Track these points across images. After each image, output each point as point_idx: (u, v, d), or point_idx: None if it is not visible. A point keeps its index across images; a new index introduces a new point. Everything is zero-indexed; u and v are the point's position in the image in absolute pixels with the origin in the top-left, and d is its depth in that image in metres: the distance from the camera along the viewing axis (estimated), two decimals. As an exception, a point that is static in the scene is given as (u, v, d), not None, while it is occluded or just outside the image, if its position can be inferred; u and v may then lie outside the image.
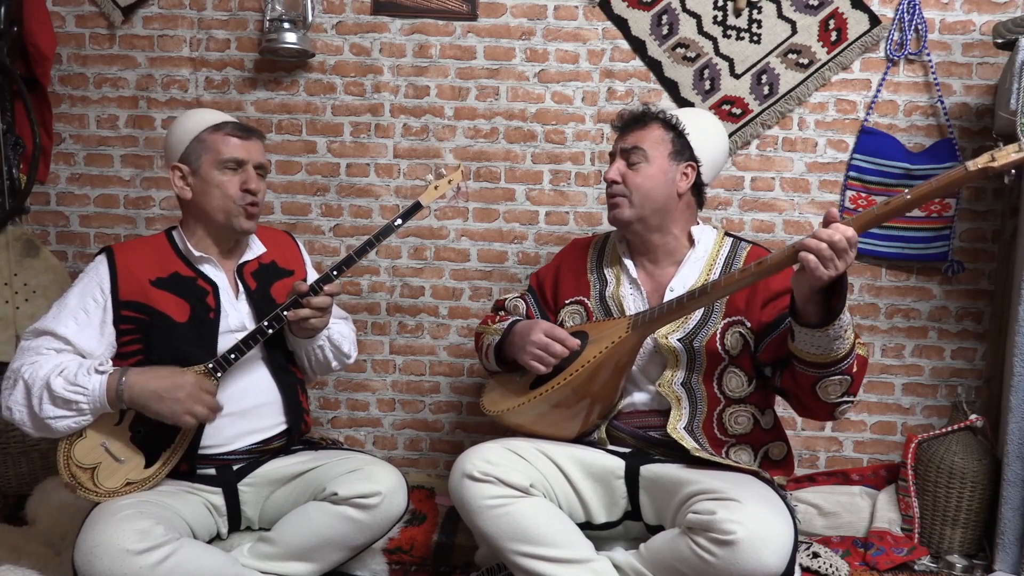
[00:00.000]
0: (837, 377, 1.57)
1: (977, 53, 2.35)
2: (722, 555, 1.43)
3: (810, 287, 1.47)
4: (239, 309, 1.82)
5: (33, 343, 1.69)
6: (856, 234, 1.45)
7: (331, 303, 1.79)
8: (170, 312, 1.74)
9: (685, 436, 1.71)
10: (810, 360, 1.56)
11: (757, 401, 1.77)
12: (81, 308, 1.72)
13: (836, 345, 1.52)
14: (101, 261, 1.78)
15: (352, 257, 1.78)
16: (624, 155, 1.84)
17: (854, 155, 2.40)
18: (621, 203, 1.82)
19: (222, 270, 1.83)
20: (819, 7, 2.36)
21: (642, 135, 1.84)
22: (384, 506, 1.69)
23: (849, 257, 1.44)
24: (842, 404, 1.62)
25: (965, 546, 2.22)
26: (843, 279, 1.47)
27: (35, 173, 2.45)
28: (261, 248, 1.92)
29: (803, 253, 1.45)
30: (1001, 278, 2.38)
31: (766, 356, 1.72)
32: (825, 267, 1.43)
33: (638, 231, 1.85)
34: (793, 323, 1.55)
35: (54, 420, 1.61)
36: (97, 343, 1.71)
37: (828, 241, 1.43)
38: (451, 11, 2.45)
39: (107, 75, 2.52)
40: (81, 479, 1.64)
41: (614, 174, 1.83)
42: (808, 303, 1.51)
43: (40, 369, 1.63)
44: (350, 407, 2.61)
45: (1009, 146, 1.36)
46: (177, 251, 1.83)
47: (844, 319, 1.50)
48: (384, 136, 2.50)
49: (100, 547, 1.47)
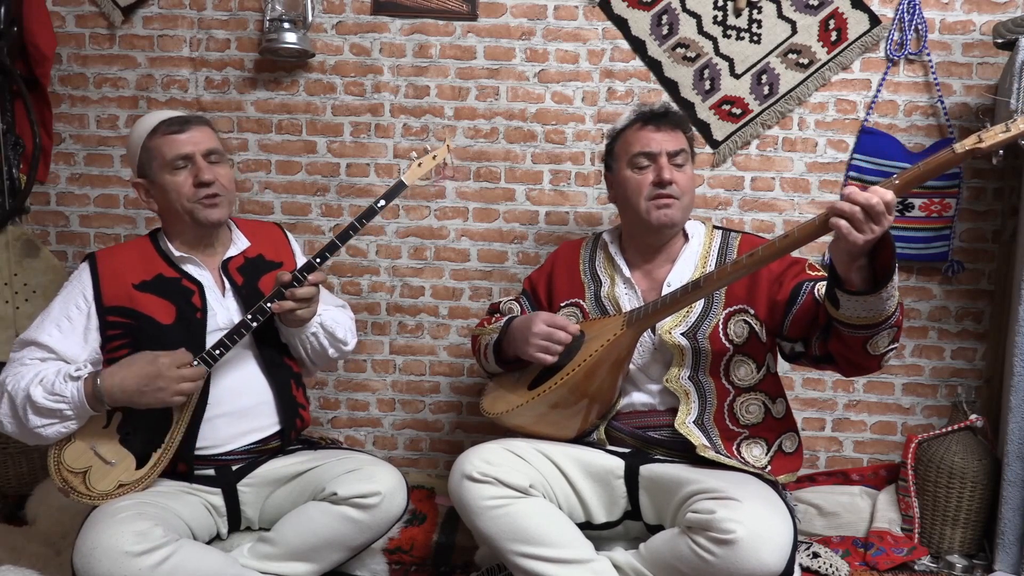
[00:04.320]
0: (887, 331, 1.52)
1: (977, 53, 2.35)
2: (721, 554, 1.43)
3: (848, 253, 1.41)
4: (227, 306, 1.80)
5: (18, 354, 1.70)
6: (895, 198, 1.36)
7: (316, 292, 1.75)
8: (155, 315, 1.73)
9: (694, 431, 1.71)
10: (860, 323, 1.50)
11: (767, 388, 1.77)
12: (64, 316, 1.72)
13: (888, 305, 1.46)
14: (84, 268, 1.77)
15: (335, 243, 1.73)
16: (671, 157, 1.80)
17: (854, 155, 2.40)
18: (675, 204, 1.79)
19: (206, 268, 1.82)
20: (819, 7, 2.36)
21: (681, 138, 1.84)
22: (384, 506, 1.69)
23: (887, 222, 1.36)
24: (888, 353, 1.58)
25: (965, 546, 2.22)
26: (887, 239, 1.40)
27: (35, 173, 2.45)
28: (245, 243, 1.90)
29: (835, 219, 1.38)
30: (1001, 278, 2.38)
31: (795, 331, 1.69)
32: (860, 231, 1.36)
33: (674, 233, 1.86)
34: (839, 292, 1.48)
35: (42, 428, 1.62)
36: (81, 349, 1.71)
37: (864, 204, 1.35)
38: (451, 11, 2.45)
39: (107, 75, 2.52)
40: (73, 483, 1.64)
41: (670, 174, 1.78)
42: (851, 270, 1.43)
43: (21, 380, 1.64)
44: (350, 407, 2.61)
45: (996, 126, 1.35)
46: (161, 252, 1.82)
47: (895, 279, 1.44)
48: (384, 136, 2.50)
49: (99, 549, 1.47)
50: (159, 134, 1.76)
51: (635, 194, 1.81)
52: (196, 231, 1.80)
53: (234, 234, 1.91)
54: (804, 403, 2.50)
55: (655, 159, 1.80)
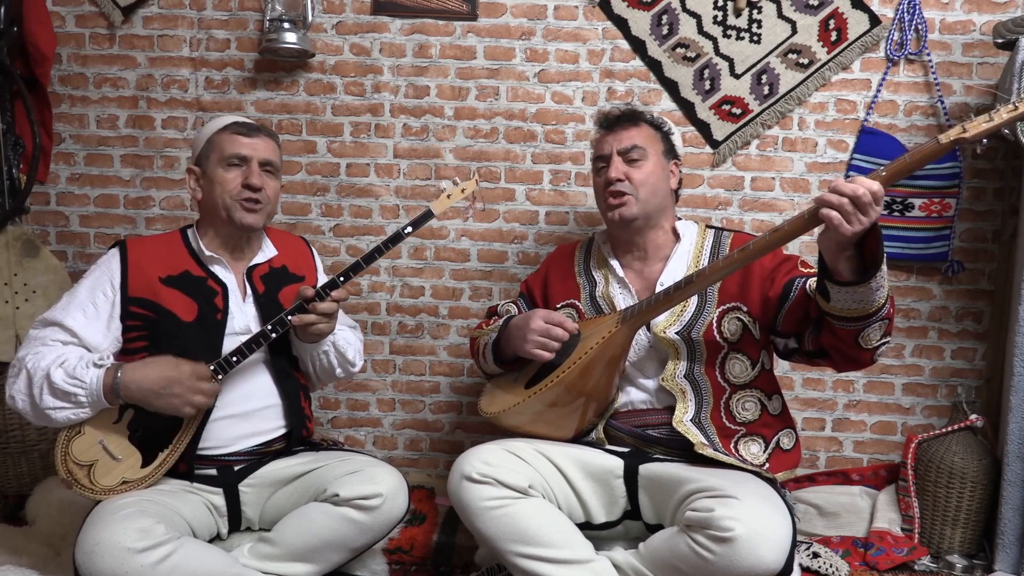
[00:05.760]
0: (877, 323, 1.53)
1: (977, 53, 2.35)
2: (720, 552, 1.43)
3: (837, 244, 1.42)
4: (245, 312, 1.82)
5: (40, 333, 1.70)
6: (882, 188, 1.38)
7: (337, 309, 1.78)
8: (177, 311, 1.74)
9: (692, 428, 1.71)
10: (850, 316, 1.51)
11: (762, 385, 1.77)
12: (90, 301, 1.73)
13: (877, 295, 1.47)
14: (114, 255, 1.78)
15: (360, 263, 1.77)
16: (622, 154, 1.85)
17: (854, 155, 2.40)
18: (628, 200, 1.82)
19: (232, 272, 1.83)
20: (819, 7, 2.36)
21: (636, 133, 1.87)
22: (385, 508, 1.69)
23: (874, 212, 1.38)
24: (881, 346, 1.58)
25: (965, 546, 2.22)
26: (874, 227, 1.41)
27: (35, 173, 2.45)
28: (273, 251, 1.92)
29: (825, 211, 1.39)
30: (1001, 278, 2.38)
31: (788, 327, 1.70)
32: (849, 223, 1.37)
33: (639, 228, 1.86)
34: (829, 284, 1.50)
35: (53, 411, 1.62)
36: (103, 337, 1.71)
37: (851, 196, 1.37)
38: (451, 11, 2.45)
39: (107, 75, 2.52)
40: (78, 476, 1.64)
41: (617, 173, 1.83)
42: (839, 261, 1.45)
43: (43, 360, 1.64)
44: (350, 407, 2.61)
45: (980, 116, 1.37)
46: (190, 250, 1.83)
47: (884, 269, 1.45)
48: (384, 136, 2.50)
49: (101, 545, 1.47)
50: (229, 131, 1.81)
51: (598, 197, 1.92)
52: (228, 231, 1.82)
53: (264, 242, 1.92)
54: (804, 403, 2.50)
55: (608, 160, 1.86)
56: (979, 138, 1.37)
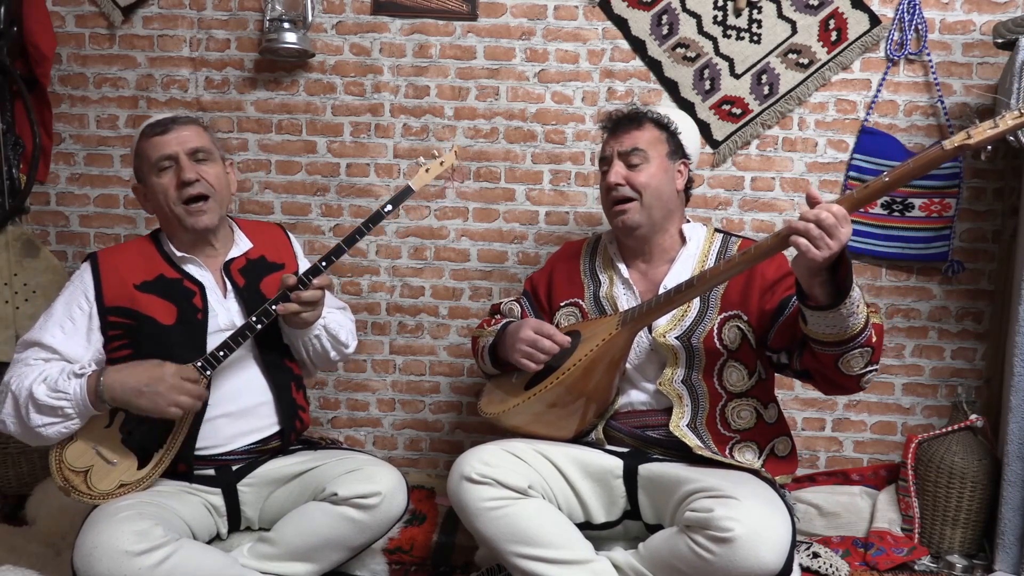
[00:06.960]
0: (857, 350, 1.53)
1: (977, 53, 2.35)
2: (720, 552, 1.43)
3: (808, 269, 1.44)
4: (228, 308, 1.80)
5: (22, 355, 1.70)
6: (845, 209, 1.41)
7: (321, 296, 1.76)
8: (156, 315, 1.73)
9: (688, 434, 1.71)
10: (827, 340, 1.52)
11: (759, 394, 1.77)
12: (67, 317, 1.72)
13: (850, 322, 1.48)
14: (85, 269, 1.77)
15: (341, 247, 1.74)
16: (623, 157, 1.82)
17: (854, 155, 2.40)
18: (631, 207, 1.80)
19: (207, 269, 1.82)
20: (819, 7, 2.36)
21: (638, 136, 1.83)
22: (384, 506, 1.69)
23: (840, 234, 1.39)
24: (867, 374, 1.58)
25: (965, 546, 2.22)
26: (843, 256, 1.43)
27: (35, 173, 2.45)
28: (248, 244, 1.89)
29: (794, 237, 1.42)
30: (1001, 278, 2.38)
31: (778, 342, 1.70)
32: (817, 247, 1.40)
33: (644, 234, 1.83)
34: (803, 307, 1.52)
35: (43, 428, 1.62)
36: (84, 350, 1.71)
37: (815, 220, 1.39)
38: (451, 11, 2.45)
39: (107, 75, 2.52)
40: (74, 483, 1.64)
41: (616, 177, 1.80)
42: (812, 286, 1.47)
43: (25, 380, 1.64)
44: (350, 407, 2.61)
45: (984, 123, 1.36)
46: (163, 253, 1.82)
47: (854, 295, 1.46)
48: (384, 136, 2.50)
49: (99, 548, 1.47)
50: (146, 137, 1.77)
51: (603, 200, 1.89)
52: (191, 234, 1.80)
53: (236, 235, 1.90)
54: (804, 403, 2.50)
55: (610, 163, 1.84)
56: (983, 144, 1.36)
